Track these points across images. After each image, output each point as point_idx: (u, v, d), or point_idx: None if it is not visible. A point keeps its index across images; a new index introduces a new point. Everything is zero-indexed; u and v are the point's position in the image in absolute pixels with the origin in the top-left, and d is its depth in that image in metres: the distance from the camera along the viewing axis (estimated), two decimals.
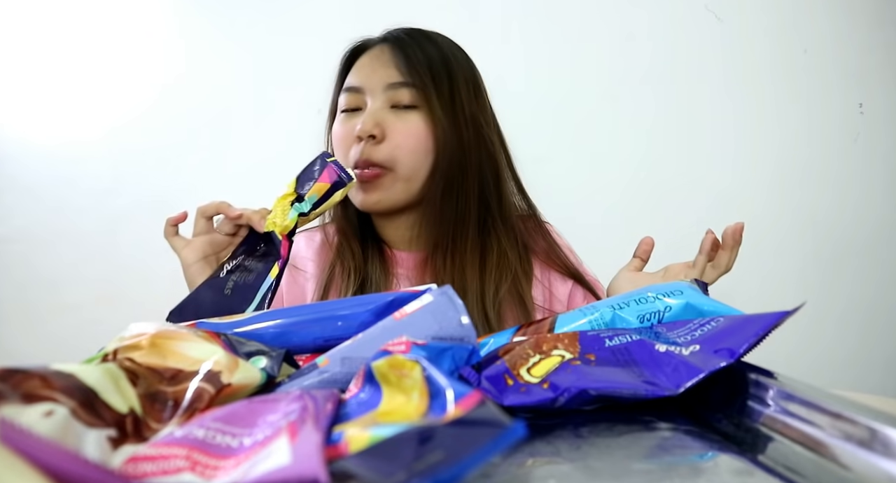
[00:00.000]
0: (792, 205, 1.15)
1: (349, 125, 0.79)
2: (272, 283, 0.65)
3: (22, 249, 1.00)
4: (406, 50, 0.79)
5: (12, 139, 1.01)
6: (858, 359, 1.16)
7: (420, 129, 0.77)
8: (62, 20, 1.02)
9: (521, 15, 1.10)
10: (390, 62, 0.79)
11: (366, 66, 0.80)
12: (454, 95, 0.79)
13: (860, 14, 1.17)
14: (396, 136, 0.77)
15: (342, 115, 0.81)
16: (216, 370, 0.37)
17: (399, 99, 0.78)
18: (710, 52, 1.14)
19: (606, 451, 0.32)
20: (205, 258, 0.70)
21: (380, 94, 0.78)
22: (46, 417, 0.27)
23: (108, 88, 1.03)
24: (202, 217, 0.71)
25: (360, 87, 0.79)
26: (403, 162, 0.77)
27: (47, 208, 1.00)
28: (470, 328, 0.41)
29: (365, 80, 0.79)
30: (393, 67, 0.78)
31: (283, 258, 0.66)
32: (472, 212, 0.80)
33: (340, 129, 0.80)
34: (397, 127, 0.77)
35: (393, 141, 0.77)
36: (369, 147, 0.76)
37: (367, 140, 0.76)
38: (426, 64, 0.79)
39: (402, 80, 0.78)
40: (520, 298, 0.79)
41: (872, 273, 1.17)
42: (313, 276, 0.84)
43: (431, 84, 0.78)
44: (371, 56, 0.81)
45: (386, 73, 0.78)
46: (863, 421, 0.29)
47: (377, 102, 0.78)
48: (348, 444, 0.26)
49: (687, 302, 0.48)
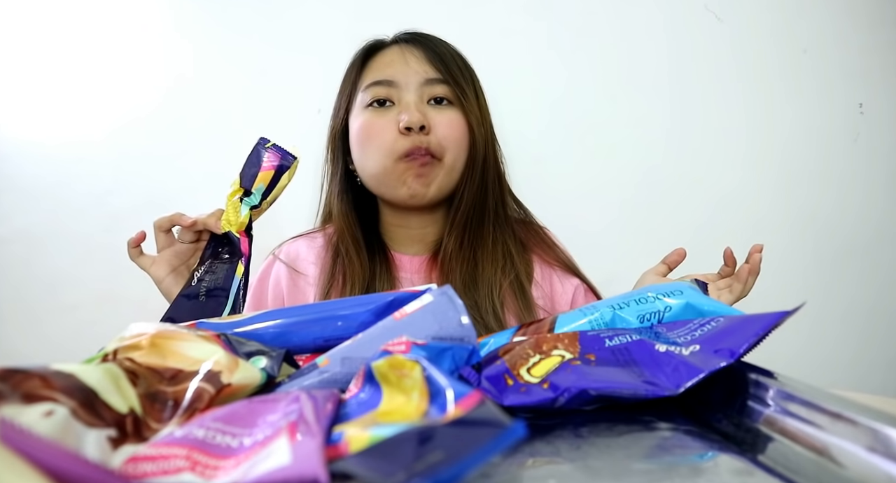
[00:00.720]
0: (791, 205, 1.15)
1: (386, 119, 0.79)
2: (240, 281, 0.65)
3: (21, 250, 0.99)
4: (435, 48, 0.81)
5: (11, 139, 1.01)
6: (859, 359, 1.16)
7: (461, 123, 0.80)
8: (62, 21, 1.02)
9: (521, 15, 1.10)
10: (423, 58, 0.80)
11: (396, 61, 0.81)
12: (478, 94, 0.83)
13: (860, 14, 1.17)
14: (442, 128, 0.78)
15: (369, 110, 0.81)
16: (216, 370, 0.37)
17: (434, 94, 0.80)
18: (709, 52, 1.14)
19: (606, 451, 0.32)
20: (174, 271, 0.71)
21: (415, 88, 0.79)
22: (46, 417, 0.27)
23: (108, 89, 1.03)
24: (160, 231, 0.71)
25: (393, 81, 0.80)
26: (451, 152, 0.79)
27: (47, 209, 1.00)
28: (470, 328, 0.41)
29: (398, 74, 0.80)
30: (427, 63, 0.80)
31: (246, 255, 0.66)
32: (490, 206, 0.83)
33: (376, 122, 0.79)
34: (440, 120, 0.79)
35: (439, 132, 0.78)
36: (420, 137, 0.77)
37: (417, 131, 0.77)
38: (457, 65, 0.82)
39: (439, 77, 0.80)
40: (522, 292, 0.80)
41: (873, 273, 1.17)
42: (315, 279, 0.84)
43: (464, 81, 0.81)
44: (398, 52, 0.82)
45: (420, 67, 0.80)
46: (863, 421, 0.29)
47: (414, 96, 0.79)
48: (348, 444, 0.26)
49: (687, 302, 0.48)
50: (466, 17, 1.09)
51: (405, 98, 0.79)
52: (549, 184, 1.09)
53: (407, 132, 0.77)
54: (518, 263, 0.82)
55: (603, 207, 1.06)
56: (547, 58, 1.10)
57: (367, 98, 0.81)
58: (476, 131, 0.80)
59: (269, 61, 1.06)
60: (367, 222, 0.87)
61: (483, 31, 1.10)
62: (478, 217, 0.82)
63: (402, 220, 0.86)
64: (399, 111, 0.78)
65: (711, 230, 1.12)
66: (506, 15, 1.10)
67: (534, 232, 0.89)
